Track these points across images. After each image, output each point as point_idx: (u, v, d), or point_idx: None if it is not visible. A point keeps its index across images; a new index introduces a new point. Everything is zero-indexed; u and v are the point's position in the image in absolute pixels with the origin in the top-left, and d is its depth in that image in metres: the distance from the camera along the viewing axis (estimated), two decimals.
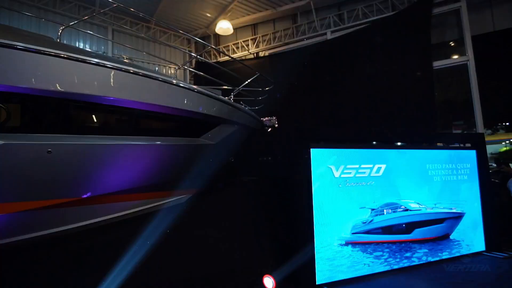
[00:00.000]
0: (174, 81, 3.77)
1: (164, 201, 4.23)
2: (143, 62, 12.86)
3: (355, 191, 4.07)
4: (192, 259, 3.71)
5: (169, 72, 13.56)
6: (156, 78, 3.54)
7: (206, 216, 4.36)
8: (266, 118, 5.81)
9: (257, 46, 13.51)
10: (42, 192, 2.87)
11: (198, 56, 5.18)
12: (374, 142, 4.68)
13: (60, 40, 3.31)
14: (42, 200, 2.90)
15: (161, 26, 13.54)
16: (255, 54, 13.61)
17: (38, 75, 2.70)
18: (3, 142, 2.52)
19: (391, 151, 4.46)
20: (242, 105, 5.25)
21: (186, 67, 10.86)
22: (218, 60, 14.30)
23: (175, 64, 12.38)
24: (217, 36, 14.33)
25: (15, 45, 2.61)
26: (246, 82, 5.27)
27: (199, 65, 12.89)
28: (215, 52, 14.45)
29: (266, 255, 4.10)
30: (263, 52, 13.43)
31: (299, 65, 10.71)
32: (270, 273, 3.55)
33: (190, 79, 14.04)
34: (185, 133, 4.02)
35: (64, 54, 2.84)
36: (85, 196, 3.21)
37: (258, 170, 8.30)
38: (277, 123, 5.94)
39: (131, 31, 12.58)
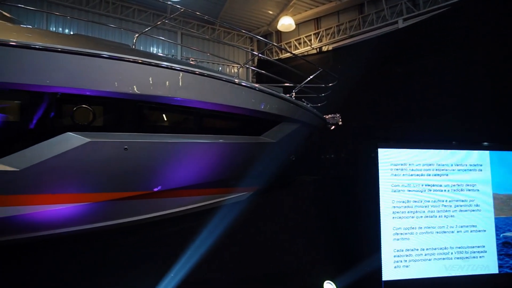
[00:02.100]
0: (237, 81, 3.83)
1: (225, 198, 4.36)
2: (208, 62, 13.49)
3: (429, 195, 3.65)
4: (251, 257, 3.75)
5: (232, 71, 13.99)
6: (219, 78, 3.66)
7: (266, 214, 4.37)
8: (329, 116, 5.57)
9: (320, 41, 13.11)
10: (119, 185, 3.19)
11: (260, 55, 5.20)
12: (454, 142, 4.13)
13: (135, 47, 3.62)
14: (119, 192, 3.22)
15: (225, 27, 14.03)
16: (317, 49, 13.23)
17: (117, 80, 3.01)
18: (90, 139, 2.87)
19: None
20: (304, 102, 5.12)
21: (248, 66, 11.06)
22: (279, 57, 14.27)
23: (238, 64, 12.71)
24: (279, 33, 14.30)
25: (100, 54, 2.94)
26: (308, 78, 5.11)
27: (261, 63, 13.02)
28: (276, 49, 14.45)
29: (327, 259, 3.94)
30: (327, 46, 12.97)
31: (366, 58, 10.04)
32: (331, 279, 3.39)
33: (252, 78, 14.30)
34: (247, 131, 4.07)
35: (139, 60, 3.10)
36: (155, 189, 3.48)
37: (320, 169, 8.06)
38: (341, 121, 5.65)
39: (197, 34, 13.29)
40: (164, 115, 3.49)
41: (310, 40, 13.40)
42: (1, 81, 2.68)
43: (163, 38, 7.63)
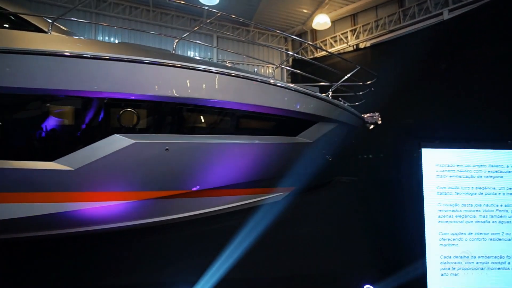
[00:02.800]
0: (272, 81, 3.84)
1: (262, 198, 4.39)
2: (243, 64, 13.65)
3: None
4: (287, 258, 3.73)
5: (267, 72, 14.04)
6: (254, 79, 3.70)
7: (302, 215, 4.32)
8: (368, 115, 5.37)
9: (357, 37, 12.70)
10: (161, 184, 3.35)
11: (295, 54, 5.15)
12: (510, 141, 3.78)
13: (175, 52, 3.77)
14: (160, 191, 3.38)
15: (259, 28, 14.10)
16: (354, 46, 12.82)
17: (159, 84, 3.17)
18: (135, 141, 3.05)
19: None
20: (341, 101, 4.99)
21: (283, 66, 11.02)
22: (315, 56, 14.03)
23: (273, 64, 12.72)
24: (314, 32, 14.08)
25: (142, 60, 3.11)
26: (346, 77, 4.97)
27: (296, 62, 12.91)
28: (312, 48, 14.23)
29: (367, 263, 3.81)
30: (364, 43, 12.52)
31: (408, 53, 9.52)
32: (371, 283, 3.27)
33: (287, 78, 14.23)
34: (283, 132, 4.06)
35: (177, 64, 3.23)
36: (194, 189, 3.60)
37: (358, 170, 7.80)
38: (381, 120, 5.42)
39: (232, 36, 13.50)
40: (202, 117, 3.60)
41: (346, 37, 13.02)
42: (57, 88, 2.95)
43: (199, 42, 7.87)
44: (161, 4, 12.46)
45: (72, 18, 3.49)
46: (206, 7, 6.76)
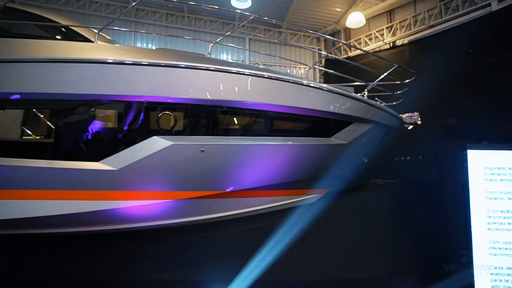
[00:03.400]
0: (305, 82, 3.81)
1: (295, 200, 4.35)
2: (275, 66, 13.66)
3: None
4: (322, 261, 3.66)
5: (299, 73, 13.93)
6: (287, 81, 3.70)
7: (338, 218, 4.22)
8: (407, 115, 5.12)
9: (393, 34, 12.19)
10: (196, 185, 3.45)
11: (328, 54, 5.06)
12: None
13: (210, 55, 3.87)
14: (196, 191, 3.48)
15: (291, 29, 14.03)
16: (391, 44, 12.31)
17: (195, 87, 3.28)
18: (172, 143, 3.18)
19: None
20: (378, 101, 4.82)
21: (316, 67, 10.88)
22: (348, 55, 13.69)
23: (305, 65, 12.59)
24: (348, 30, 13.73)
25: (179, 64, 3.23)
26: (382, 76, 4.80)
27: (329, 62, 12.67)
28: (345, 47, 13.90)
29: (406, 270, 3.63)
30: (401, 40, 11.99)
31: (450, 49, 8.95)
32: None
33: (320, 78, 14.01)
34: (317, 133, 4.01)
35: (211, 67, 3.33)
36: (228, 190, 3.66)
37: (396, 172, 7.47)
38: (420, 120, 5.15)
39: (264, 38, 13.57)
40: (237, 119, 3.66)
41: (382, 35, 12.55)
42: (102, 93, 3.17)
43: (232, 45, 8.03)
44: (195, 10, 12.87)
45: (115, 27, 3.70)
46: (238, 11, 6.87)
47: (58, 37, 3.84)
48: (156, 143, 3.15)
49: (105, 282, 3.27)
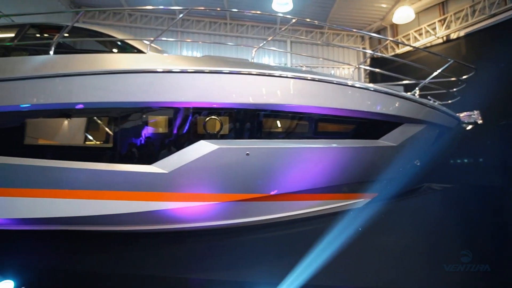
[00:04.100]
0: (349, 83, 3.70)
1: (341, 204, 4.23)
2: (317, 67, 13.46)
3: None
4: (371, 269, 3.50)
5: (343, 73, 13.55)
6: (330, 82, 3.63)
7: (387, 224, 4.01)
8: (465, 114, 4.71)
9: (447, 27, 11.31)
10: (241, 187, 3.51)
11: (374, 52, 4.85)
12: None
13: (254, 60, 3.94)
14: (241, 194, 3.54)
15: (334, 29, 13.73)
16: (444, 38, 11.44)
17: (239, 92, 3.39)
18: (218, 146, 3.29)
19: None
20: (431, 100, 4.50)
21: (361, 66, 10.50)
22: (396, 52, 13.00)
23: (350, 65, 12.22)
24: (395, 27, 13.07)
25: (222, 70, 3.35)
26: (435, 72, 4.47)
27: (375, 61, 12.15)
28: (392, 44, 13.22)
29: (467, 284, 3.32)
30: (456, 33, 11.07)
31: None
32: None
33: (365, 78, 13.50)
34: (364, 135, 3.86)
35: (254, 72, 3.39)
36: (272, 193, 3.67)
37: (452, 176, 6.90)
38: (481, 119, 4.70)
39: (306, 39, 13.44)
40: (281, 122, 3.67)
41: (434, 29, 11.70)
42: (152, 100, 3.38)
43: (274, 48, 8.05)
44: (237, 16, 13.20)
45: (163, 38, 3.95)
46: (280, 14, 6.89)
47: (114, 50, 4.19)
48: (204, 147, 3.28)
49: (158, 278, 3.46)
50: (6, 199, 3.44)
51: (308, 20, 4.42)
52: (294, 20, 4.30)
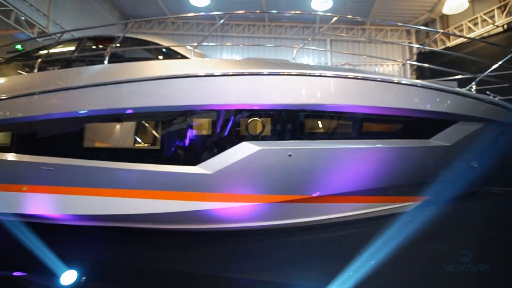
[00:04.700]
0: (395, 79, 3.52)
1: (388, 207, 4.02)
2: (359, 65, 12.98)
3: None
4: (415, 278, 3.27)
5: (387, 70, 12.93)
6: (374, 79, 3.48)
7: (436, 229, 3.73)
8: None
9: (508, 15, 10.25)
10: (284, 189, 3.49)
11: (423, 47, 4.55)
12: None
13: (295, 61, 3.92)
14: (283, 195, 3.52)
15: (377, 24, 13.17)
16: (504, 26, 10.39)
17: (281, 93, 3.39)
18: (261, 148, 3.31)
19: None
20: (490, 95, 4.11)
21: (409, 62, 9.94)
22: (447, 45, 12.09)
23: (395, 61, 11.63)
24: (445, 18, 12.19)
25: (261, 72, 3.40)
26: (495, 65, 4.07)
27: (422, 56, 11.41)
28: (443, 37, 12.32)
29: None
30: None
31: None
32: None
33: (411, 74, 12.74)
34: (412, 135, 3.64)
35: (294, 72, 3.37)
36: (315, 195, 3.60)
37: None
38: None
39: (348, 37, 13.05)
40: (323, 122, 3.60)
41: (492, 17, 10.67)
42: (197, 104, 3.51)
43: (314, 48, 7.94)
44: (275, 18, 13.24)
45: (204, 43, 4.10)
46: (320, 13, 6.78)
47: (160, 57, 4.42)
48: (246, 148, 3.32)
49: (204, 276, 3.57)
50: (68, 197, 3.79)
51: (350, 16, 4.28)
52: (335, 18, 4.21)
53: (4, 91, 4.35)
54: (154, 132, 4.69)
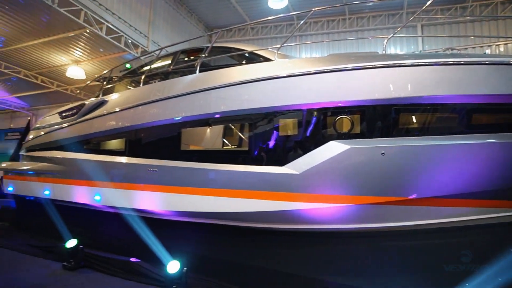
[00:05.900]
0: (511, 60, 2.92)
1: (504, 214, 3.35)
2: (466, 48, 11.18)
3: None
4: None
5: (498, 51, 10.92)
6: (482, 63, 2.95)
7: None
8: None
9: None
10: (377, 189, 3.23)
11: None
12: None
13: (385, 52, 3.61)
14: (376, 196, 3.25)
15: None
16: None
17: (370, 87, 3.17)
18: (350, 146, 3.14)
19: None
20: None
21: None
22: None
23: (507, 38, 9.73)
24: None
25: (345, 68, 3.25)
26: None
27: None
28: None
29: None
30: None
31: None
32: None
33: None
34: None
35: (380, 64, 3.14)
36: (411, 197, 3.23)
37: None
38: None
39: (442, 19, 11.48)
40: (421, 116, 3.21)
41: None
42: (281, 104, 3.53)
43: (403, 35, 7.15)
44: (355, 9, 12.51)
45: (285, 44, 4.10)
46: None
47: (244, 62, 4.61)
48: (334, 148, 3.19)
49: (292, 276, 3.57)
50: (168, 195, 4.24)
51: None
52: (430, 1, 3.72)
53: (118, 104, 5.15)
54: (241, 134, 4.91)
